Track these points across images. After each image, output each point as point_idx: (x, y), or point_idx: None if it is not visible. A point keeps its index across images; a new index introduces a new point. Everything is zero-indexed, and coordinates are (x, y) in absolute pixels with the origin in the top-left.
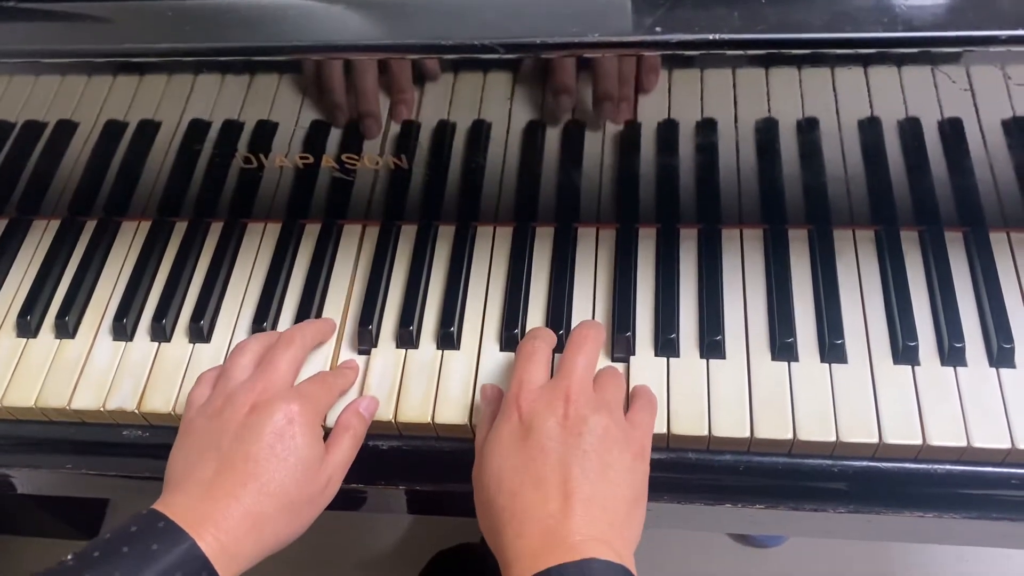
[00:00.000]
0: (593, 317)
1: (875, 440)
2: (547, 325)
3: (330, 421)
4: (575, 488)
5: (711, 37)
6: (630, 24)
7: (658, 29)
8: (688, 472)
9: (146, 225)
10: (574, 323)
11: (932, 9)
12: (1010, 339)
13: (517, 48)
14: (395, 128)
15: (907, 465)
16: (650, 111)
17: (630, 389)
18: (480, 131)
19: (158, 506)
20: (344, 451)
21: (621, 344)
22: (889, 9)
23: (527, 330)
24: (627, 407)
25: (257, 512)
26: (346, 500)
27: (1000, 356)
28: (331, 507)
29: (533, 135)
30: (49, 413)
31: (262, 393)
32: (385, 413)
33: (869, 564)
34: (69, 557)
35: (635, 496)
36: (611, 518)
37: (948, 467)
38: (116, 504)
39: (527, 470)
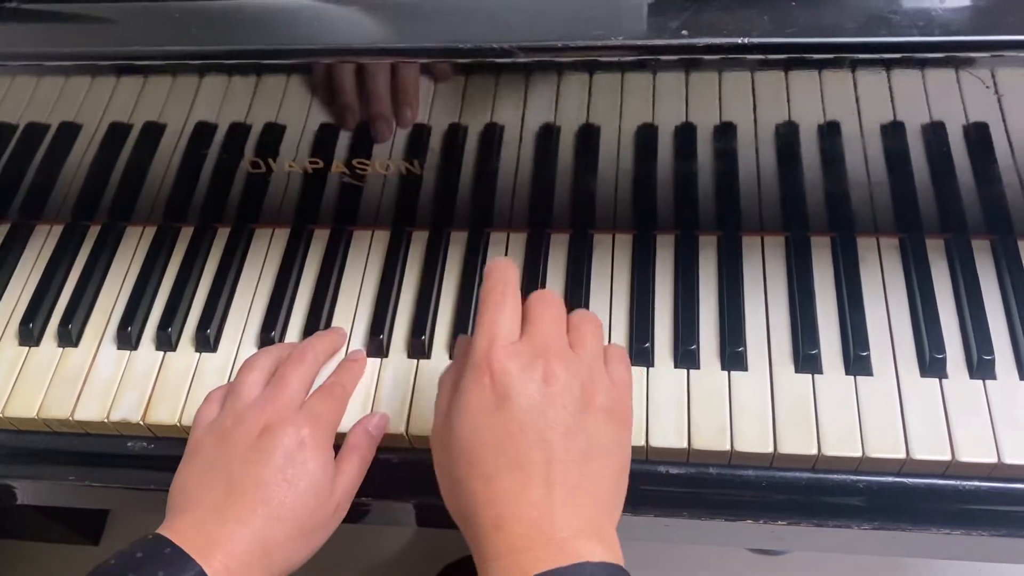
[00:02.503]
0: (610, 326)
1: (902, 455)
2: None
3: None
4: (560, 472)
5: (740, 41)
6: (654, 27)
7: (684, 32)
8: (709, 487)
9: (151, 231)
10: None
11: (967, 12)
12: None
13: (537, 51)
14: (406, 132)
15: (934, 481)
16: (667, 114)
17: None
18: (493, 135)
19: (163, 531)
20: (353, 475)
21: (640, 355)
22: (924, 12)
23: None
24: None
25: (267, 538)
26: (354, 513)
27: None
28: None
29: (547, 138)
30: (52, 424)
31: (273, 414)
32: (396, 426)
33: (881, 573)
34: None
35: (621, 467)
36: (599, 505)
37: (976, 483)
38: (117, 513)
39: (503, 450)
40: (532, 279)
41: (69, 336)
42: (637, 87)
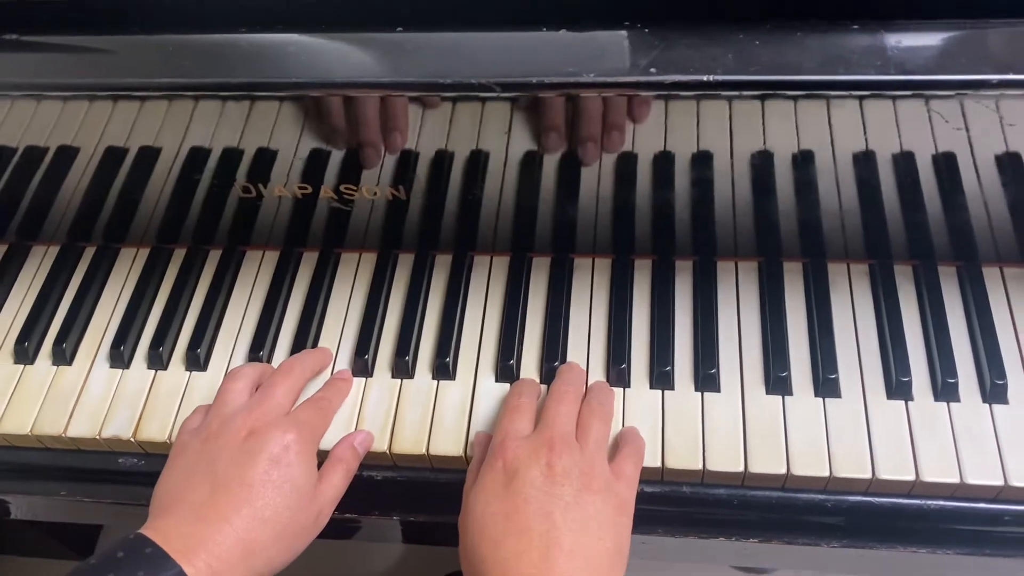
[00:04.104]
0: (588, 347)
1: (868, 475)
2: (543, 355)
3: (325, 443)
4: (557, 538)
5: (705, 79)
6: (626, 64)
7: (653, 70)
8: (682, 505)
9: (144, 252)
10: (570, 353)
11: (924, 52)
12: (1003, 375)
13: (514, 87)
14: (393, 159)
15: (900, 500)
16: (646, 143)
17: (623, 429)
18: (478, 161)
19: (146, 531)
20: (336, 485)
21: (616, 376)
22: (882, 51)
23: (522, 359)
24: (613, 449)
25: (251, 539)
26: (341, 529)
27: (993, 392)
28: (326, 535)
29: (530, 165)
30: (45, 440)
31: (259, 419)
32: (380, 444)
33: None
34: None
35: (617, 549)
36: (593, 571)
37: (941, 503)
38: (109, 529)
39: (509, 518)
40: (514, 302)
41: (63, 355)
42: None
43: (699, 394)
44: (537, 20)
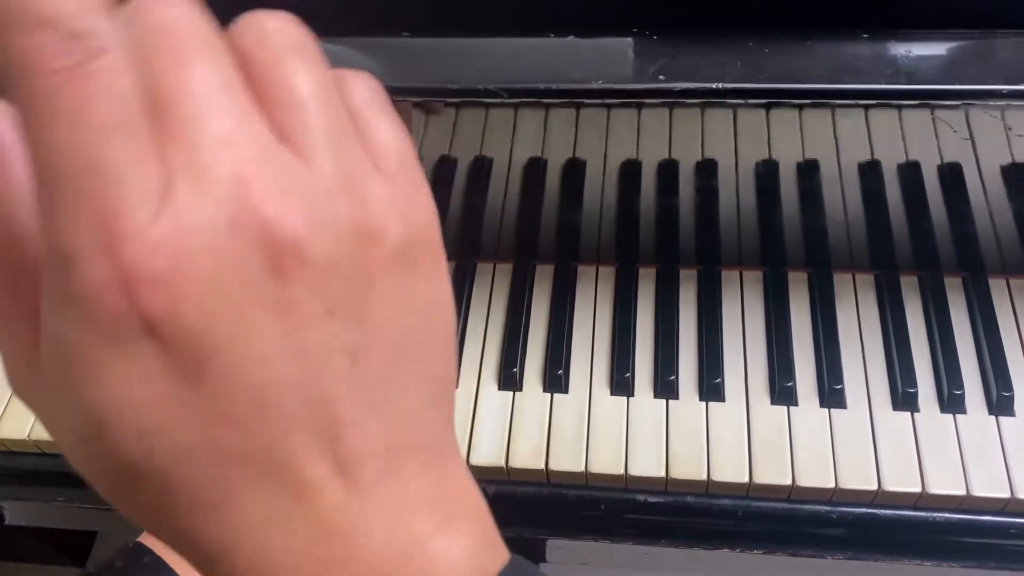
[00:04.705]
0: (592, 357)
1: (874, 487)
2: (546, 364)
3: None
4: (357, 435)
5: (715, 86)
6: (635, 71)
7: (661, 77)
8: (687, 516)
9: None
10: (573, 363)
11: (935, 61)
12: (1009, 387)
13: (521, 93)
14: None
15: (906, 512)
16: (651, 150)
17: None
18: (481, 167)
19: (144, 539)
20: None
21: (620, 385)
22: (892, 61)
23: (525, 367)
24: None
25: None
26: None
27: (999, 404)
28: None
29: (535, 172)
30: (42, 445)
31: None
32: None
33: None
34: None
35: (445, 350)
36: (433, 450)
37: (947, 515)
38: (105, 534)
39: (227, 454)
40: (517, 310)
41: None
42: (622, 123)
43: (703, 404)
44: (544, 26)
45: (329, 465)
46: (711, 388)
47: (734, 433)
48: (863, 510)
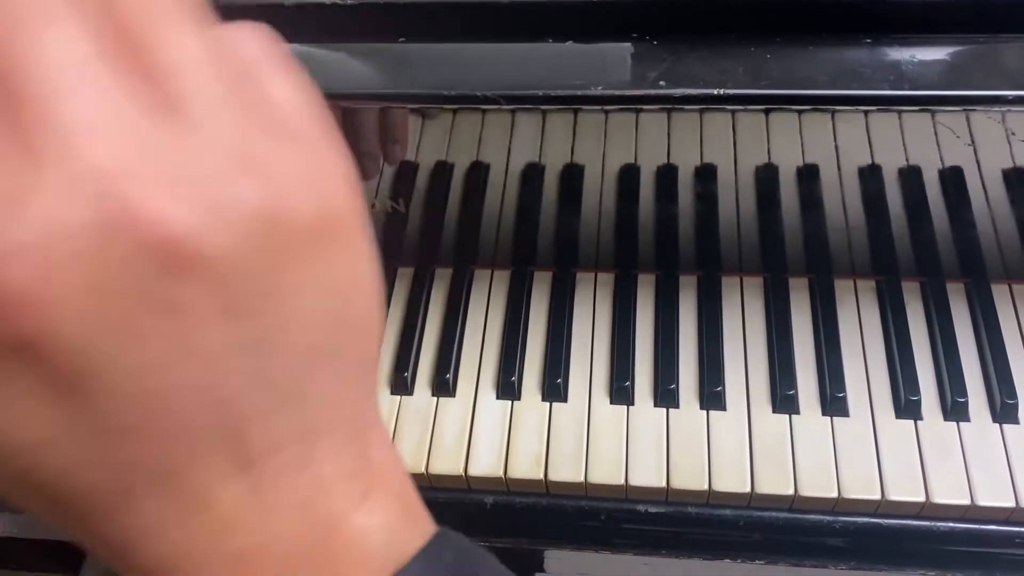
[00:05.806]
0: (591, 365)
1: (877, 497)
2: (544, 373)
3: None
4: (261, 432)
5: (716, 92)
6: (634, 77)
7: (662, 83)
8: (688, 526)
9: None
10: (572, 371)
11: (938, 67)
12: (1013, 394)
13: (519, 100)
14: (392, 170)
15: (909, 522)
16: (650, 155)
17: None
18: (479, 173)
19: None
20: None
21: (620, 394)
22: (895, 66)
23: (524, 375)
24: None
25: None
26: None
27: (1003, 411)
28: None
29: (532, 177)
30: None
31: None
32: None
33: None
34: None
35: (365, 348)
36: (353, 423)
37: (951, 524)
38: None
39: (112, 462)
40: (515, 317)
41: None
42: (620, 128)
43: (704, 412)
44: (543, 32)
45: (231, 464)
46: (712, 396)
47: (735, 442)
48: (866, 520)
